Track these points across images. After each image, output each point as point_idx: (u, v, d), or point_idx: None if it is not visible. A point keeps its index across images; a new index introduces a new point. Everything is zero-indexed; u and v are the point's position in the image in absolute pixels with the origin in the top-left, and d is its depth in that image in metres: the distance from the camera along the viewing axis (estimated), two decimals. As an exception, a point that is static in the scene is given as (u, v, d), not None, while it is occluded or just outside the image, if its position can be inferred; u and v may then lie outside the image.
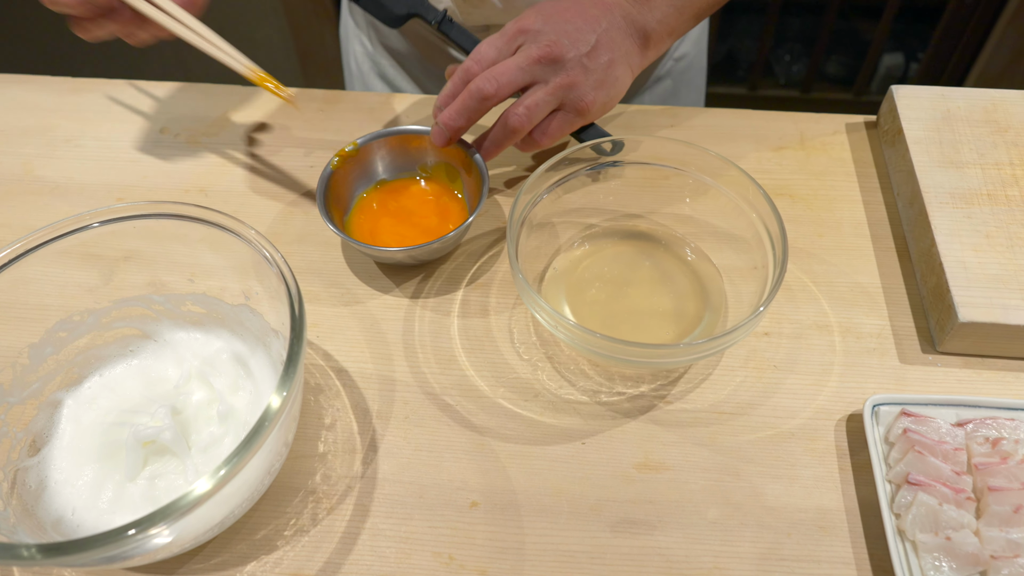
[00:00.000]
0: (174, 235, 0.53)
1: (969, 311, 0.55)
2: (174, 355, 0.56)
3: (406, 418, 0.55)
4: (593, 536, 0.50)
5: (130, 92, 0.79)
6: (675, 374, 0.57)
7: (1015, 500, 0.48)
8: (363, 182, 0.66)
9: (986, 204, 0.61)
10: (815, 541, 0.49)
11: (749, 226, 0.57)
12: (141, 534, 0.39)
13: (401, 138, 0.66)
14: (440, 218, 0.65)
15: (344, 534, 0.50)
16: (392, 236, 0.63)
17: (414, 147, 0.66)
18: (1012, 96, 0.68)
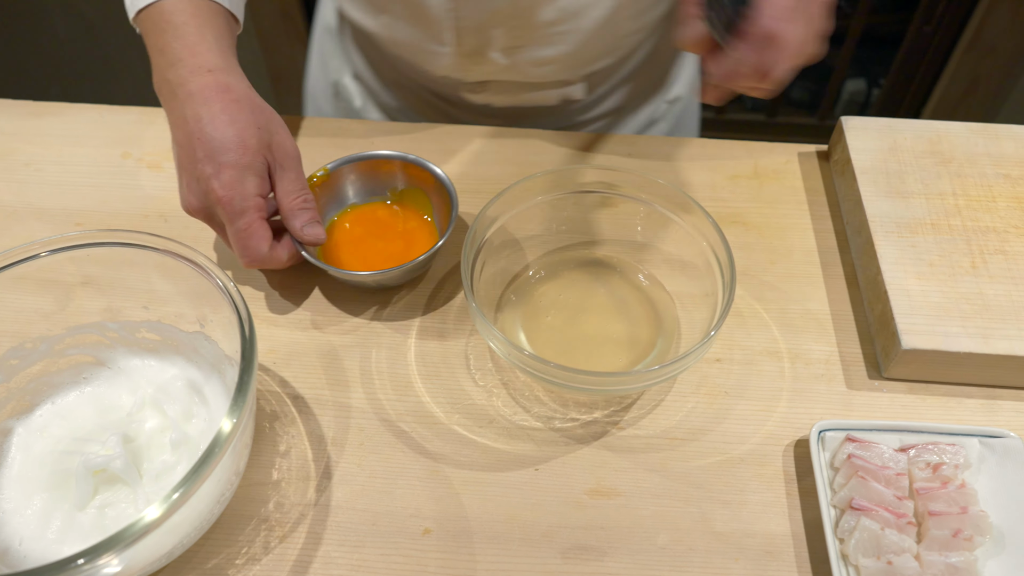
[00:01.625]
0: (130, 262, 0.53)
1: (912, 338, 0.56)
2: (128, 382, 0.56)
3: (361, 445, 0.55)
4: (544, 563, 0.50)
5: (92, 116, 0.79)
6: (628, 400, 0.58)
7: (954, 524, 0.49)
8: (333, 206, 0.67)
9: (930, 233, 0.63)
10: (762, 566, 0.50)
11: (700, 254, 0.59)
12: (89, 564, 0.39)
13: (371, 163, 0.66)
14: (408, 243, 0.65)
15: (296, 562, 0.50)
16: (361, 261, 0.64)
17: (384, 171, 0.67)
18: (956, 128, 0.70)
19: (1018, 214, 0.64)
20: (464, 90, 0.79)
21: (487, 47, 0.72)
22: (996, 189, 0.66)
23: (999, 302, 0.58)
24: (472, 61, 0.74)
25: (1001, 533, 0.50)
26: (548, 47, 0.72)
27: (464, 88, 0.79)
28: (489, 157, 0.75)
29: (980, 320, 0.57)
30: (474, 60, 0.74)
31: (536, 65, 0.74)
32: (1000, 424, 0.57)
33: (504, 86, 0.78)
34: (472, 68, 0.75)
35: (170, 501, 0.40)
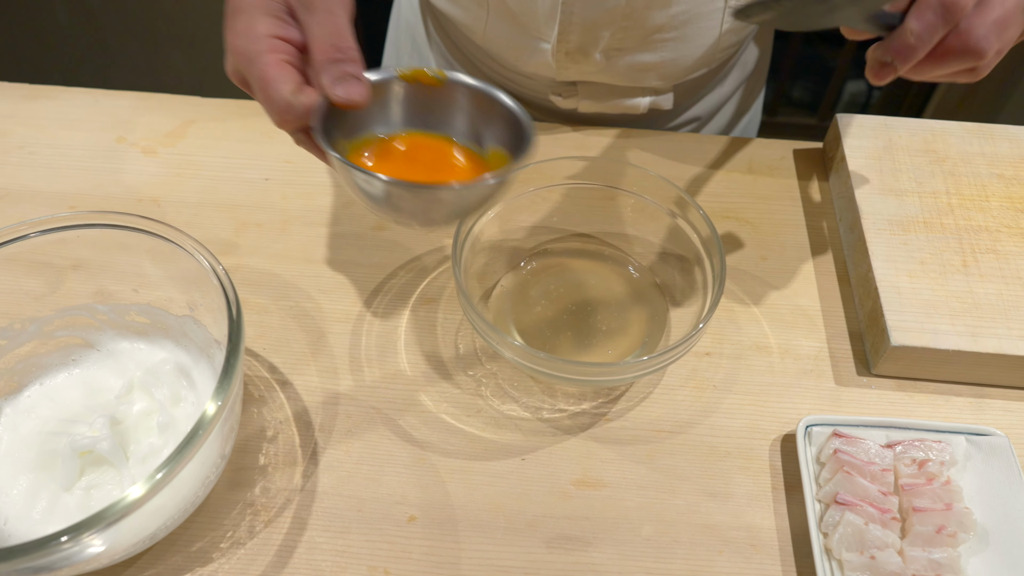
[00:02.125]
0: (120, 245, 0.53)
1: (901, 335, 0.56)
2: (117, 365, 0.56)
3: (348, 432, 0.55)
4: (528, 552, 0.50)
5: (88, 100, 0.79)
6: (617, 392, 0.58)
7: (938, 520, 0.49)
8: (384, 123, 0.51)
9: (922, 231, 0.63)
10: (746, 559, 0.50)
11: (691, 247, 0.59)
12: (72, 542, 0.39)
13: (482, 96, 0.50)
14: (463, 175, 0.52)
15: (280, 547, 0.50)
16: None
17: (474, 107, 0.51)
18: (951, 127, 0.70)
19: (1010, 214, 0.64)
20: (552, 92, 0.77)
21: (590, 47, 0.70)
22: (990, 188, 0.66)
23: (989, 301, 0.58)
24: (571, 59, 0.71)
25: (985, 530, 0.50)
26: (651, 52, 0.71)
27: (553, 90, 0.77)
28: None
29: (969, 318, 0.57)
30: (573, 59, 0.71)
31: (634, 70, 0.73)
32: (988, 422, 0.57)
33: (595, 89, 0.76)
34: (568, 67, 0.73)
35: (154, 481, 0.40)
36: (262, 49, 0.45)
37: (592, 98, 0.76)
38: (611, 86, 0.75)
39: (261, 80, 0.44)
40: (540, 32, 0.70)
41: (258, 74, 0.44)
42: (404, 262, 0.65)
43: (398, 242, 0.67)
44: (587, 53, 0.70)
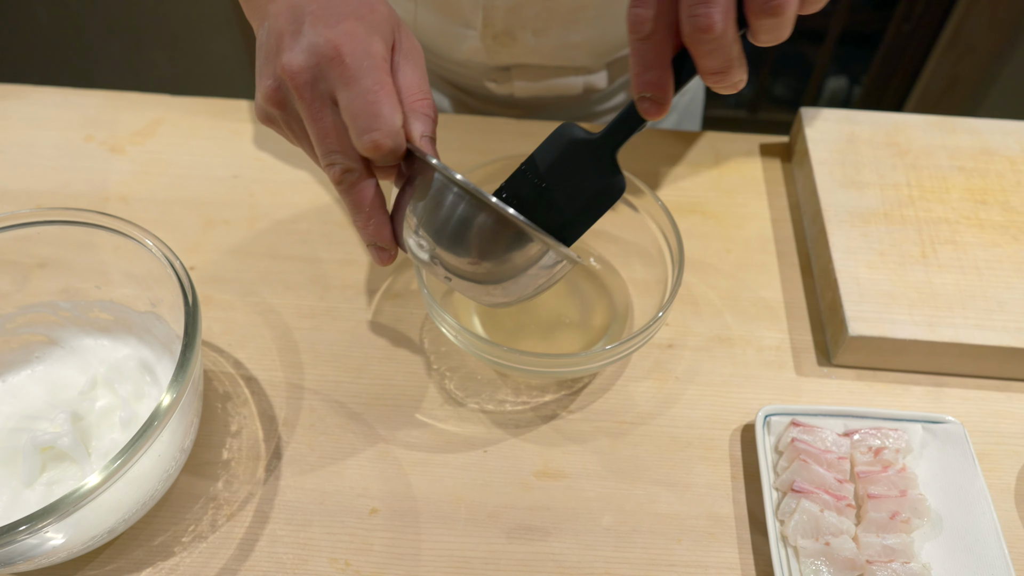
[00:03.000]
0: (83, 243, 0.53)
1: (859, 325, 0.57)
2: (80, 361, 0.56)
3: (312, 426, 0.56)
4: (489, 542, 0.51)
5: (56, 99, 0.79)
6: (579, 384, 0.58)
7: (892, 507, 0.50)
8: None
9: (882, 223, 0.63)
10: (704, 547, 0.51)
11: (653, 241, 0.59)
12: (30, 532, 0.39)
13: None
14: None
15: (242, 540, 0.50)
16: None
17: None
18: (913, 120, 0.71)
19: (970, 205, 0.65)
20: (487, 78, 0.79)
21: (516, 28, 0.72)
22: (950, 181, 0.67)
23: (946, 291, 0.59)
24: (499, 43, 0.73)
25: (939, 516, 0.51)
26: (576, 31, 0.72)
27: (487, 76, 0.79)
28: (455, 144, 0.75)
29: (927, 308, 0.58)
30: (501, 42, 0.73)
31: (563, 48, 0.74)
32: (945, 411, 0.57)
33: (528, 72, 0.77)
34: (498, 51, 0.74)
35: (110, 469, 0.40)
36: (379, 66, 0.42)
37: (526, 79, 0.78)
38: (543, 67, 0.76)
39: (371, 95, 0.41)
40: (466, 19, 0.72)
41: (372, 86, 0.41)
42: (369, 258, 0.66)
43: (365, 238, 0.67)
44: (514, 36, 0.72)
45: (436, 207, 0.43)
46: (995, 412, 0.57)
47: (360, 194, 0.43)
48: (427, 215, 0.43)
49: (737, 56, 0.39)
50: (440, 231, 0.43)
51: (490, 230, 0.42)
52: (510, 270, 0.45)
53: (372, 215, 0.44)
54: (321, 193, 0.71)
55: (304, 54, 0.41)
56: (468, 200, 0.42)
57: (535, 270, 0.45)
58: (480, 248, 0.43)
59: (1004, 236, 0.63)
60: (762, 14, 0.37)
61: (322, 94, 0.42)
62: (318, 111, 0.42)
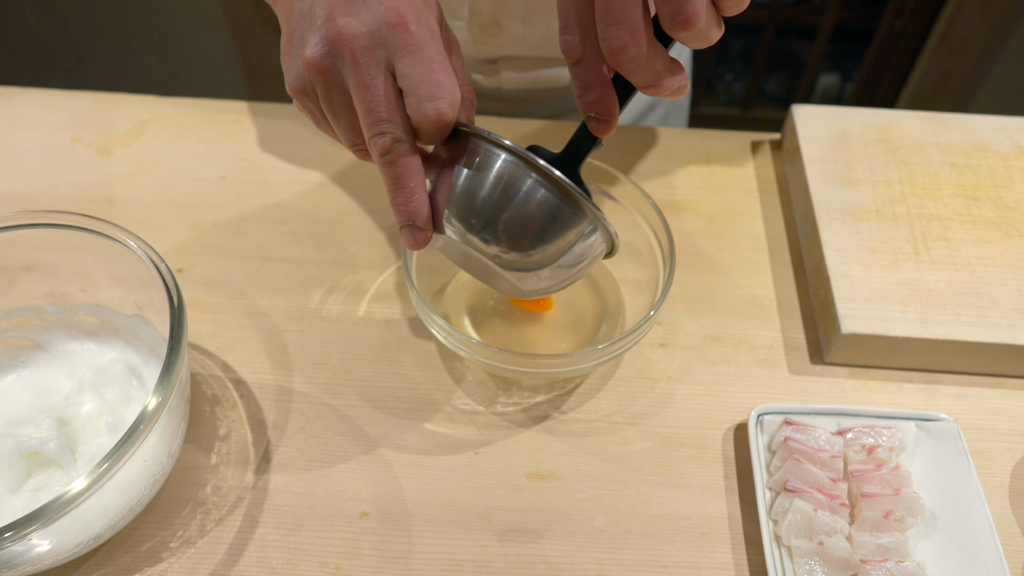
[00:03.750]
0: (68, 246, 0.53)
1: (852, 323, 0.56)
2: (66, 366, 0.55)
3: (302, 429, 0.55)
4: (480, 545, 0.50)
5: (43, 101, 0.78)
6: (571, 384, 0.58)
7: (886, 506, 0.50)
8: None
9: (875, 220, 0.63)
10: (697, 548, 0.50)
11: (644, 239, 0.59)
12: (15, 538, 0.38)
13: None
14: None
15: (231, 545, 0.50)
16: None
17: None
18: (905, 116, 0.71)
19: (962, 201, 0.64)
20: (475, 71, 0.79)
21: (502, 17, 0.71)
22: (942, 177, 0.66)
23: (939, 288, 0.59)
24: (486, 33, 0.72)
25: (933, 514, 0.51)
26: None
27: (475, 68, 0.79)
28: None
29: (919, 305, 0.58)
30: (488, 32, 0.72)
31: (549, 38, 0.74)
32: (939, 408, 0.57)
33: (515, 63, 0.77)
34: (485, 41, 0.74)
35: (96, 474, 0.39)
36: (440, 39, 0.42)
37: (513, 71, 0.77)
38: (530, 58, 0.76)
39: (436, 64, 0.41)
40: (452, 9, 0.71)
41: (435, 56, 0.41)
42: (359, 259, 0.65)
43: (353, 240, 0.66)
44: (500, 25, 0.71)
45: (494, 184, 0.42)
46: (989, 409, 0.57)
47: (406, 168, 0.42)
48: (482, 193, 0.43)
49: (664, 68, 0.39)
50: (496, 208, 0.43)
51: (551, 204, 0.42)
52: (559, 250, 0.44)
53: (415, 192, 0.43)
54: (310, 194, 0.70)
55: (366, 18, 0.40)
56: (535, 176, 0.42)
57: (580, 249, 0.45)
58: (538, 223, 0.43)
59: (996, 232, 0.62)
60: (675, 28, 0.37)
61: (379, 60, 0.41)
62: (372, 77, 0.41)
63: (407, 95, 0.41)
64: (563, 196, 0.43)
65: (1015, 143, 0.69)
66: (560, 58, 0.76)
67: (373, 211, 0.69)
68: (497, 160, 0.42)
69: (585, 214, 0.43)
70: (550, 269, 0.45)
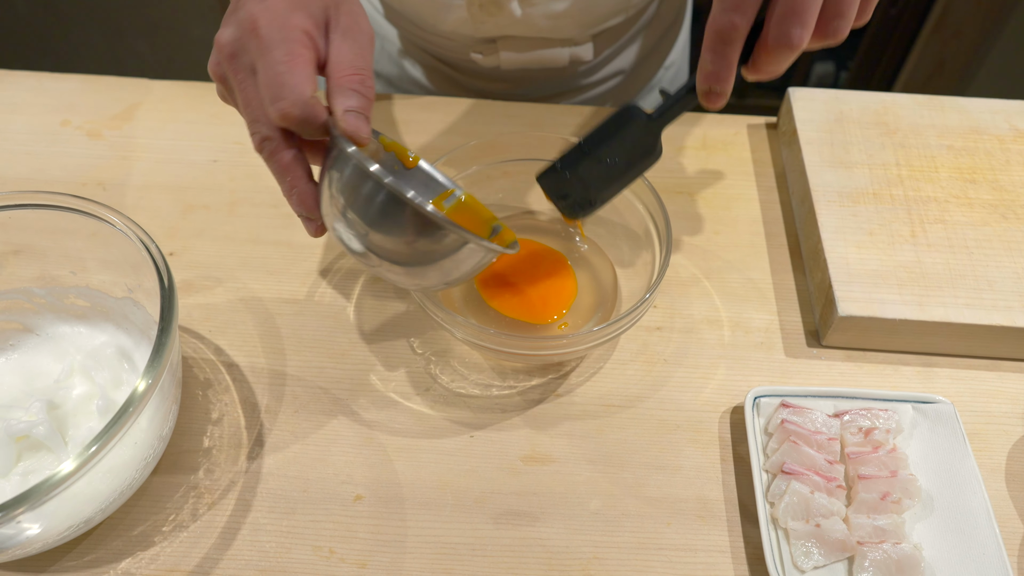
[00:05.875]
0: (59, 228, 0.52)
1: (849, 305, 0.56)
2: (56, 349, 0.55)
3: (295, 412, 0.55)
4: (475, 528, 0.50)
5: (32, 83, 0.77)
6: (566, 368, 0.58)
7: (883, 488, 0.49)
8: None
9: (871, 203, 0.63)
10: (693, 530, 0.50)
11: (640, 222, 0.58)
12: (4, 519, 0.38)
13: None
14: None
15: (224, 529, 0.50)
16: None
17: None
18: (902, 100, 0.70)
19: (959, 184, 0.64)
20: (473, 50, 0.78)
21: None
22: (939, 160, 0.66)
23: (936, 270, 0.58)
24: (485, 12, 0.72)
25: (930, 496, 0.50)
26: (560, 0, 0.71)
27: (473, 47, 0.78)
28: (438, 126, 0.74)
29: (916, 288, 0.57)
30: (487, 11, 0.72)
31: (549, 19, 0.73)
32: (935, 391, 0.57)
33: (514, 43, 0.77)
34: (484, 21, 0.73)
35: (85, 456, 0.39)
36: (293, 38, 0.43)
37: (512, 51, 0.77)
38: (529, 38, 0.76)
39: (281, 65, 0.42)
40: None
41: (280, 58, 0.42)
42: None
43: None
44: (500, 5, 0.71)
45: (342, 183, 0.43)
46: (985, 392, 0.57)
47: (280, 162, 0.45)
48: (337, 189, 0.44)
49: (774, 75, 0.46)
50: (345, 207, 0.44)
51: (380, 208, 0.43)
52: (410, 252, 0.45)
53: (295, 184, 0.45)
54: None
55: (231, 28, 0.44)
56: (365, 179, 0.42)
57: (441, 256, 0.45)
58: (380, 227, 0.43)
59: (993, 215, 0.62)
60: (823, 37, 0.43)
61: (245, 66, 0.44)
62: (242, 81, 0.44)
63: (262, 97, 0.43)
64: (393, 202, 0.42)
65: (1012, 126, 0.69)
66: (559, 39, 0.76)
67: (367, 194, 0.68)
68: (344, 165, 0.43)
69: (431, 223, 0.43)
70: (424, 271, 0.46)
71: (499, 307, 0.58)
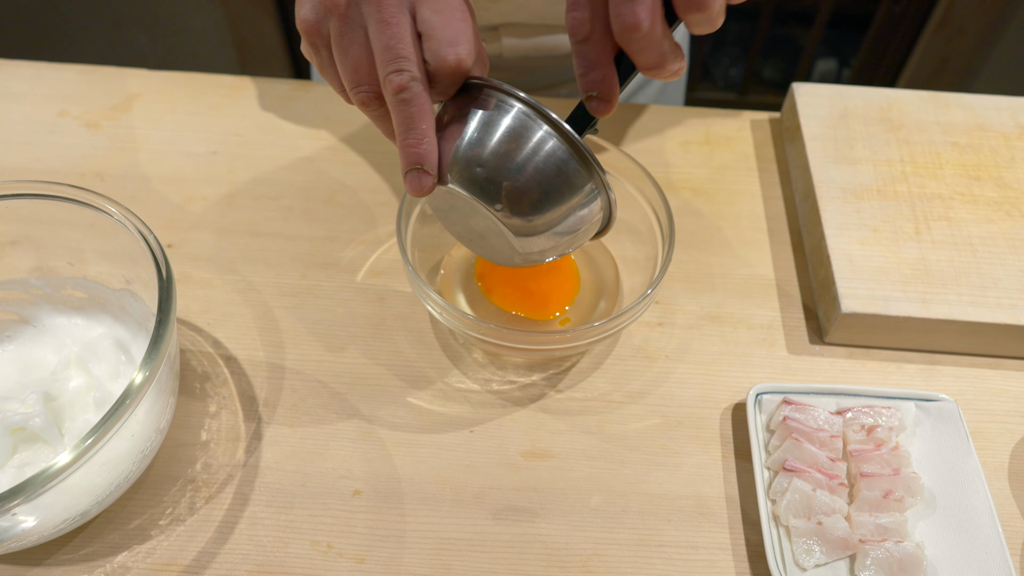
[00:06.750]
0: (56, 219, 0.52)
1: (852, 302, 0.56)
2: (53, 341, 0.54)
3: (294, 406, 0.54)
4: (475, 524, 0.49)
5: (30, 73, 0.76)
6: (567, 363, 0.57)
7: (885, 486, 0.49)
8: None
9: (875, 199, 0.62)
10: (694, 527, 0.50)
11: (643, 218, 0.58)
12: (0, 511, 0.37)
13: None
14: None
15: (221, 523, 0.49)
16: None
17: None
18: (906, 96, 0.70)
19: (964, 181, 0.64)
20: None
21: None
22: (944, 156, 0.66)
23: (940, 267, 0.58)
24: None
25: (933, 495, 0.50)
26: None
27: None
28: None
29: (920, 285, 0.57)
30: None
31: (550, 4, 0.72)
32: (938, 389, 0.56)
33: (517, 29, 0.76)
34: (487, 7, 0.72)
35: (81, 448, 0.38)
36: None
37: (515, 37, 0.76)
38: (531, 25, 0.75)
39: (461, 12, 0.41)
40: None
41: (456, 5, 0.41)
42: (352, 235, 0.64)
43: (347, 216, 0.65)
44: None
45: (505, 135, 0.42)
46: (989, 390, 0.56)
47: (420, 108, 0.42)
48: (491, 143, 0.42)
49: (670, 49, 0.40)
50: (505, 158, 0.42)
51: (560, 159, 0.42)
52: (561, 211, 0.44)
53: (426, 134, 0.42)
54: (302, 169, 0.69)
55: None
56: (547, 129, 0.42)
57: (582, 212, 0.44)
58: (546, 177, 0.42)
59: (998, 212, 0.62)
60: (689, 9, 0.37)
61: (402, 1, 0.41)
62: (395, 15, 0.40)
63: (427, 39, 0.41)
64: (573, 152, 0.42)
65: (1017, 123, 0.68)
66: (561, 25, 0.75)
67: (367, 187, 0.68)
68: (510, 110, 0.42)
69: (592, 175, 0.43)
70: (549, 232, 0.44)
71: (500, 303, 0.57)
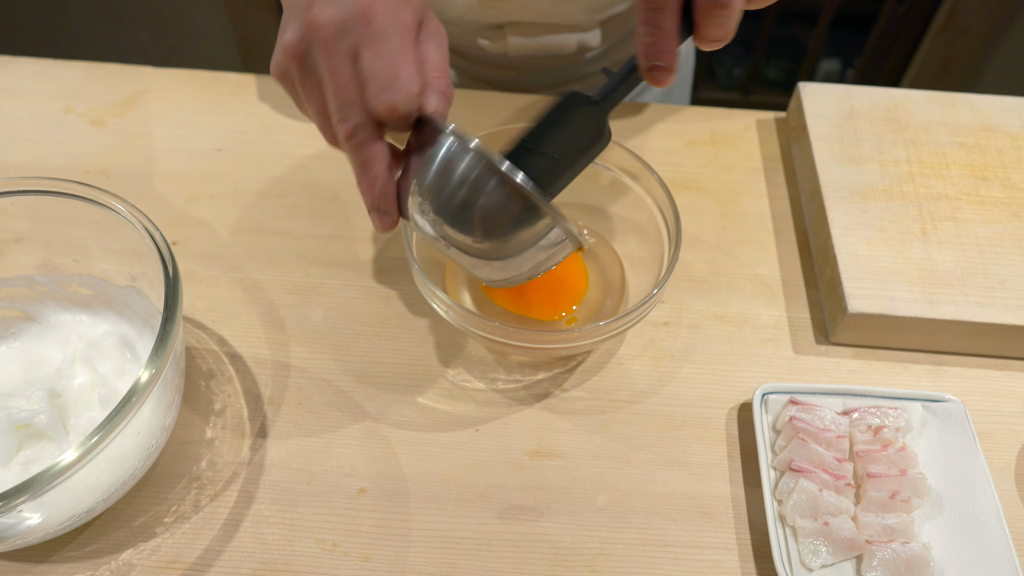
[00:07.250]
0: (62, 216, 0.51)
1: (859, 302, 0.56)
2: (58, 337, 0.54)
3: (299, 404, 0.54)
4: (480, 523, 0.49)
5: (35, 70, 0.76)
6: (573, 362, 0.57)
7: (892, 486, 0.49)
8: None
9: (882, 199, 0.62)
10: (700, 527, 0.50)
11: (650, 217, 0.58)
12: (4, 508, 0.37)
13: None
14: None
15: (227, 521, 0.49)
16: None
17: None
18: (913, 96, 0.70)
19: (970, 181, 0.64)
20: (482, 36, 0.77)
21: None
22: (950, 157, 0.65)
23: (947, 268, 0.58)
24: None
25: (939, 496, 0.50)
26: None
27: (480, 33, 0.77)
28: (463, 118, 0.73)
29: (927, 285, 0.57)
30: None
31: (556, 4, 0.72)
32: (945, 390, 0.56)
33: (522, 28, 0.76)
34: (492, 6, 0.72)
35: (87, 445, 0.38)
36: (406, 32, 0.42)
37: (520, 36, 0.76)
38: (536, 24, 0.75)
39: (396, 57, 0.42)
40: None
41: (395, 49, 0.42)
42: (357, 233, 0.64)
43: (352, 214, 0.65)
44: None
45: (445, 175, 0.43)
46: (996, 391, 0.56)
47: (368, 153, 0.43)
48: (436, 183, 0.43)
49: (736, 27, 0.41)
50: (448, 200, 0.43)
51: (501, 199, 0.43)
52: (514, 244, 0.45)
53: (378, 176, 0.44)
54: (308, 167, 0.69)
55: (335, 8, 0.42)
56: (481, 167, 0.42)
57: (539, 246, 0.45)
58: (488, 217, 0.43)
59: (1005, 213, 0.61)
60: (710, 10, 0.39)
61: (344, 50, 0.42)
62: (338, 65, 0.42)
63: (364, 85, 0.42)
64: (514, 192, 0.43)
65: (1024, 124, 0.68)
66: (566, 24, 0.75)
67: (372, 185, 0.68)
68: (456, 156, 0.43)
69: (541, 216, 0.44)
70: (503, 263, 0.46)
71: (505, 305, 0.57)
